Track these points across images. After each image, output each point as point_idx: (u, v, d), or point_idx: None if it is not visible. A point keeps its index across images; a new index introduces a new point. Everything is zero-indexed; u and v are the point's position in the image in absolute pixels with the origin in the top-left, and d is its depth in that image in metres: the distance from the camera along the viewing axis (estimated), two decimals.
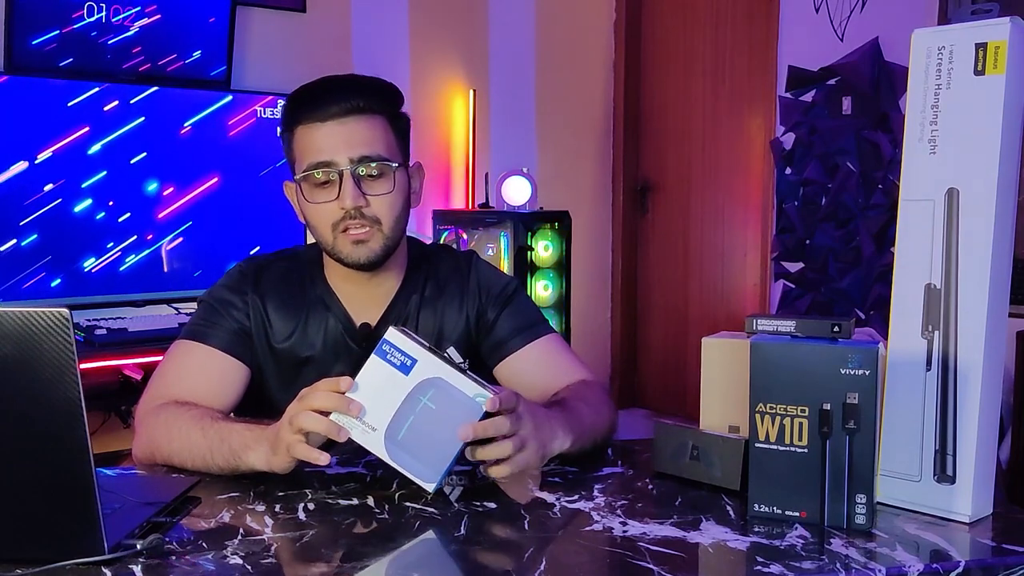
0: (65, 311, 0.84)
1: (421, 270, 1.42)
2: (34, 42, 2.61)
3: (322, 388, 1.06)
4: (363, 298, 1.37)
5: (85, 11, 2.68)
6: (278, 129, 1.38)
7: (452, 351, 1.09)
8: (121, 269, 2.74)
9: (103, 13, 2.71)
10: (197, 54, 2.91)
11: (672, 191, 4.18)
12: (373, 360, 1.05)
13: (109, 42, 2.74)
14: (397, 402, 1.04)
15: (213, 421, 1.19)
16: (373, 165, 1.27)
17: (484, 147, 3.81)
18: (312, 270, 1.40)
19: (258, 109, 2.97)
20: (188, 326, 1.36)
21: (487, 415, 1.05)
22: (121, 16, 2.75)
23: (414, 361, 1.05)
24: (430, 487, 1.05)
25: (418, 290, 1.40)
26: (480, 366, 1.41)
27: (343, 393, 1.05)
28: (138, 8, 2.78)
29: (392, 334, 1.06)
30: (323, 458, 1.06)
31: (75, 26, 2.67)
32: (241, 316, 1.35)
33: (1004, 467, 2.62)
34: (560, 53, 4.10)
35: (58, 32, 2.65)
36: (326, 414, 1.05)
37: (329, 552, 0.94)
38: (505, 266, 3.37)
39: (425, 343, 1.07)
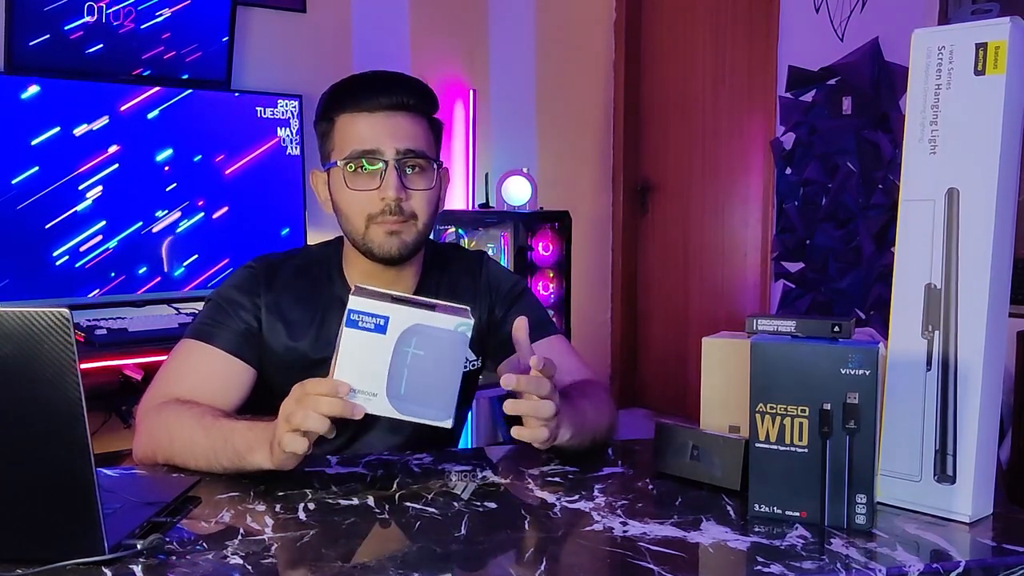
0: (65, 311, 0.84)
1: (435, 270, 1.43)
2: (31, 42, 2.61)
3: (323, 393, 1.04)
4: None
5: (85, 11, 2.68)
6: (314, 117, 1.36)
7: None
8: (113, 274, 2.74)
9: (103, 13, 2.71)
10: (197, 54, 2.91)
11: (672, 191, 4.18)
12: (347, 332, 1.05)
13: (108, 43, 2.74)
14: (386, 362, 1.05)
15: (215, 420, 1.19)
16: (416, 159, 1.29)
17: (484, 147, 3.80)
18: (329, 268, 1.39)
19: (258, 109, 2.96)
20: (194, 325, 1.35)
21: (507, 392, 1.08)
22: (122, 17, 2.75)
23: (386, 319, 1.04)
24: (448, 423, 1.06)
25: (433, 291, 1.40)
26: (488, 363, 1.42)
27: (342, 396, 1.04)
28: (138, 9, 2.77)
29: (355, 301, 1.05)
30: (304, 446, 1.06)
31: (72, 26, 2.67)
32: (249, 317, 1.34)
33: (1004, 467, 2.62)
34: (560, 53, 4.10)
35: (55, 33, 2.65)
36: None
37: (329, 552, 0.94)
38: (505, 266, 3.37)
39: (388, 292, 1.07)
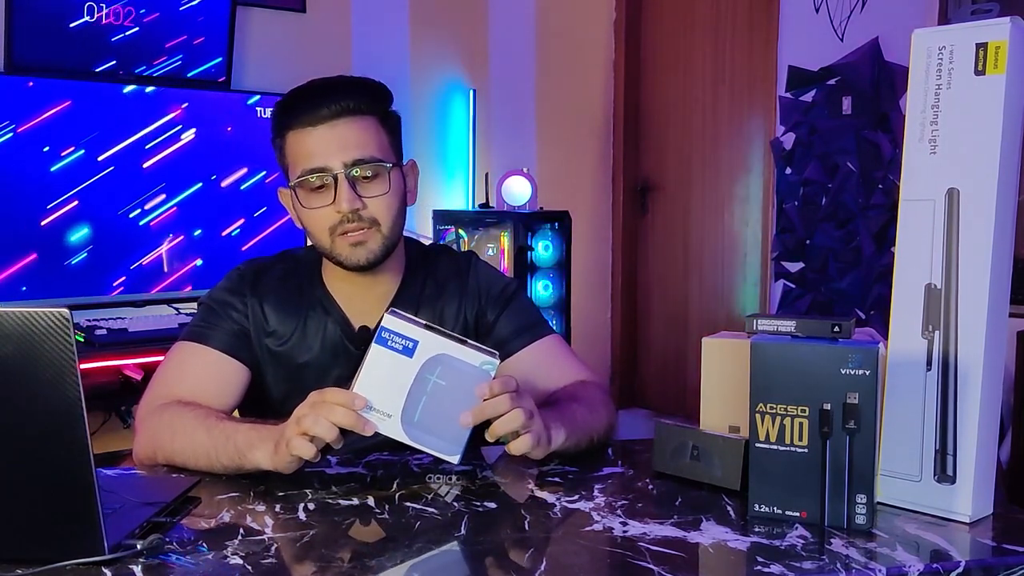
0: (65, 311, 0.84)
1: (420, 271, 1.41)
2: (32, 42, 2.61)
3: (339, 403, 1.06)
4: (362, 300, 1.37)
5: (85, 11, 2.68)
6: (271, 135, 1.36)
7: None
8: (117, 280, 2.74)
9: (103, 12, 2.71)
10: (197, 54, 2.91)
11: (672, 191, 4.18)
12: (375, 349, 1.06)
13: (108, 42, 2.74)
14: (407, 385, 1.06)
15: (218, 420, 1.19)
16: (367, 167, 1.27)
17: (484, 147, 3.80)
18: (311, 273, 1.39)
19: (258, 110, 2.96)
20: (188, 328, 1.36)
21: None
22: (122, 17, 2.74)
23: (415, 343, 1.06)
24: (455, 459, 1.07)
25: (417, 291, 1.40)
26: None
27: (356, 410, 1.05)
28: (138, 10, 2.77)
29: (389, 320, 1.07)
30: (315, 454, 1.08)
31: (73, 25, 2.67)
32: (240, 317, 1.35)
33: (1004, 467, 2.62)
34: (560, 53, 4.10)
35: (55, 32, 2.64)
36: None
37: (329, 552, 0.94)
38: (505, 266, 3.37)
39: (422, 321, 1.08)
